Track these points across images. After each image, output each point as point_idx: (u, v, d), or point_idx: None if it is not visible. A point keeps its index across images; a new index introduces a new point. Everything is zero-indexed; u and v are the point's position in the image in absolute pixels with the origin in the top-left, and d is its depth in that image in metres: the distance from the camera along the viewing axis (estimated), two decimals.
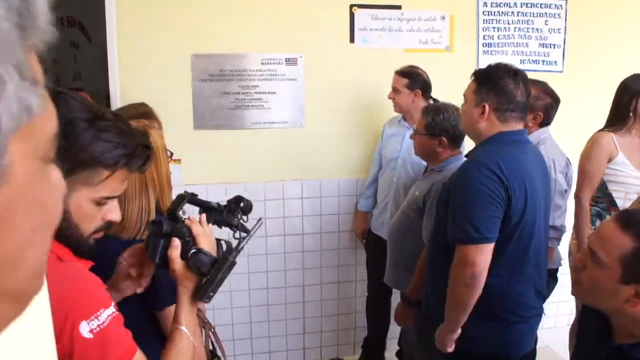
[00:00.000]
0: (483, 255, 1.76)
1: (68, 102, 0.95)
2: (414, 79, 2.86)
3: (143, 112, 1.94)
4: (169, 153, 1.74)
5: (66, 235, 0.99)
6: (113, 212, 1.06)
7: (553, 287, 2.70)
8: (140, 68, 2.87)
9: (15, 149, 0.31)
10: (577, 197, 2.74)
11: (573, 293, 1.38)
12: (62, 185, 0.38)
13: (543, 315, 2.08)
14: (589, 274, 1.29)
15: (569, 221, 2.73)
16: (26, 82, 0.31)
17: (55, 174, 0.37)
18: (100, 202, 1.02)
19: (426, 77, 2.90)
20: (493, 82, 1.86)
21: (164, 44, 2.89)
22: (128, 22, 2.82)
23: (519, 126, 1.91)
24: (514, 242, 1.82)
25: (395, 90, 2.89)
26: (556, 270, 2.67)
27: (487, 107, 1.85)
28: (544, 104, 2.52)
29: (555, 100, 2.56)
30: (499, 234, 1.79)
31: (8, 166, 0.31)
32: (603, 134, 2.70)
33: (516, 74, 1.87)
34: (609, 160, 2.67)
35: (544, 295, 2.04)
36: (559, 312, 3.68)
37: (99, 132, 0.97)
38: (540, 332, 2.34)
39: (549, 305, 3.47)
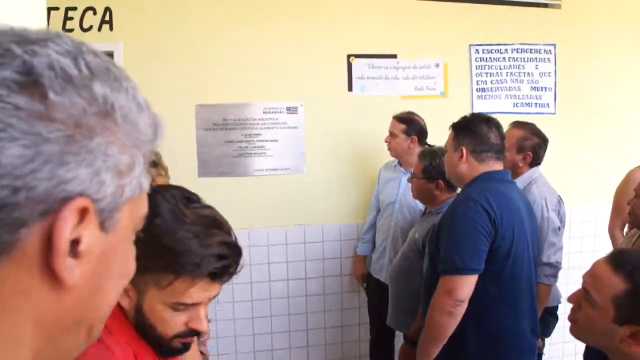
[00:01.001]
0: (466, 285, 1.84)
1: (158, 199, 0.93)
2: (411, 125, 2.94)
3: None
4: None
5: (144, 332, 0.96)
6: (197, 321, 0.97)
7: (554, 326, 2.71)
8: None
9: (125, 212, 0.44)
10: (610, 230, 2.80)
11: (570, 332, 1.38)
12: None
13: (543, 355, 2.10)
14: (584, 313, 1.29)
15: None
16: (144, 169, 0.46)
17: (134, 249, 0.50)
18: (176, 308, 0.95)
19: (423, 124, 2.98)
20: (468, 128, 2.04)
21: (169, 94, 3.01)
22: (134, 74, 2.94)
23: (497, 166, 2.04)
24: (506, 274, 1.89)
25: (392, 134, 2.96)
26: (556, 308, 2.68)
27: (464, 150, 2.01)
28: (532, 144, 2.62)
29: (543, 140, 2.66)
30: (493, 263, 1.86)
31: (119, 220, 0.44)
32: (636, 169, 2.82)
33: (489, 120, 2.05)
34: None
35: (537, 332, 2.08)
36: (564, 353, 3.66)
37: (176, 235, 0.91)
38: None
39: (553, 346, 3.47)
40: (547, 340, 2.94)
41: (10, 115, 0.36)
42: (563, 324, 2.93)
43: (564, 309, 2.76)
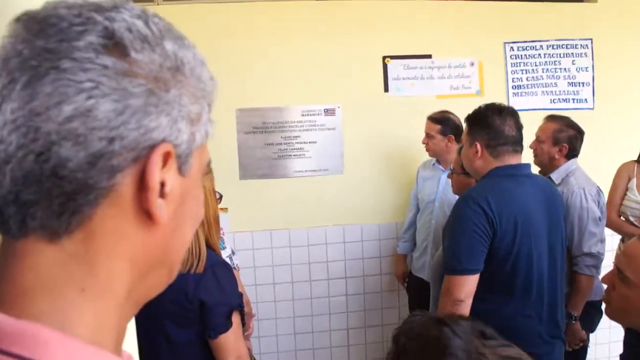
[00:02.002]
0: (465, 285, 1.83)
1: (447, 333, 0.83)
2: (446, 125, 2.95)
3: None
4: (217, 195, 1.87)
5: None
6: None
7: (599, 320, 2.66)
8: None
9: (195, 157, 0.49)
10: (610, 223, 2.80)
11: (605, 313, 1.39)
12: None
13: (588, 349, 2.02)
14: (618, 293, 1.30)
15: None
16: (208, 118, 0.50)
17: (202, 194, 0.55)
18: None
19: (458, 122, 2.96)
20: (481, 121, 2.00)
21: None
22: None
23: (513, 159, 1.98)
24: (507, 273, 1.86)
25: (428, 135, 2.98)
26: (600, 302, 2.64)
27: (478, 146, 1.98)
28: (567, 136, 2.62)
29: (578, 132, 2.65)
30: (491, 264, 1.85)
31: (192, 165, 0.49)
32: (626, 163, 2.87)
33: (501, 111, 1.99)
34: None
35: (558, 328, 2.01)
36: (611, 354, 3.58)
37: None
38: None
39: (599, 347, 3.40)
40: (592, 340, 2.90)
41: (100, 75, 0.41)
42: (609, 324, 2.89)
43: None
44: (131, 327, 1.36)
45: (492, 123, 1.96)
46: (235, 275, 1.81)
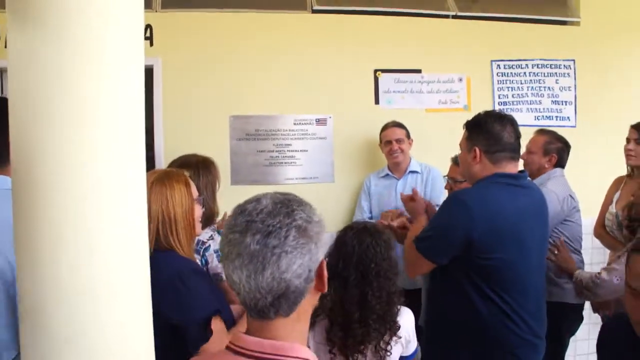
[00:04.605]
0: (422, 267, 1.99)
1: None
2: (406, 129, 3.14)
3: (202, 159, 2.31)
4: (199, 200, 1.74)
5: None
6: None
7: (579, 324, 2.72)
8: (184, 128, 3.14)
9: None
10: (594, 231, 2.88)
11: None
12: None
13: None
14: None
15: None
16: None
17: None
18: None
19: None
20: (480, 127, 2.01)
21: (205, 106, 3.16)
22: (173, 88, 3.11)
23: (511, 166, 1.99)
24: (489, 279, 1.89)
25: (399, 141, 3.09)
26: (580, 306, 2.68)
27: (477, 150, 1.98)
28: (556, 148, 2.78)
29: (565, 145, 2.83)
30: (475, 270, 1.88)
31: None
32: (620, 176, 2.94)
33: (502, 118, 2.00)
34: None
35: (540, 325, 2.04)
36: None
37: None
38: None
39: (582, 358, 3.47)
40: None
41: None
42: (588, 335, 2.93)
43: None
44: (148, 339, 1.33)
45: (492, 129, 1.97)
46: (208, 278, 1.68)
